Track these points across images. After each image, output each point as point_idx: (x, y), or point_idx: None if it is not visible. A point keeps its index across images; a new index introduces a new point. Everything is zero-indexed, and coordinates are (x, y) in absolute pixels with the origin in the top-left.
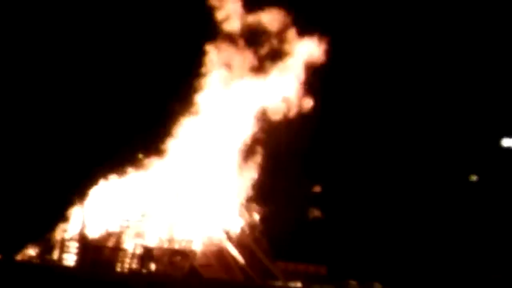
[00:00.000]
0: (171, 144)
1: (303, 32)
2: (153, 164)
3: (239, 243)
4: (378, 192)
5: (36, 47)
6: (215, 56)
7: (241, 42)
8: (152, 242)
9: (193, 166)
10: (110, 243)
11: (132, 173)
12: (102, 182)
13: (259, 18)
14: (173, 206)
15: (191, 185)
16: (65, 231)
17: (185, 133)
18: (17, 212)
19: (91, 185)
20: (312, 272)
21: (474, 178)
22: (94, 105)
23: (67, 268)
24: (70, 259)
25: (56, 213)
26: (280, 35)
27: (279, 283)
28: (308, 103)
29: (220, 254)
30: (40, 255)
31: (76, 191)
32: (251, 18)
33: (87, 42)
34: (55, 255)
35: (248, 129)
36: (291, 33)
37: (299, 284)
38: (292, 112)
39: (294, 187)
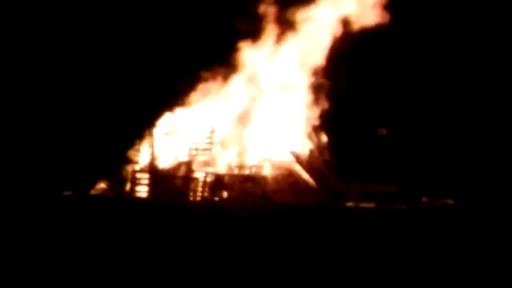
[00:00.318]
0: (238, 71)
1: None
2: (221, 91)
3: (309, 166)
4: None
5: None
6: None
7: None
8: (223, 169)
9: (262, 91)
10: (181, 172)
11: (199, 101)
12: (170, 112)
13: None
14: (243, 132)
15: (260, 110)
16: (136, 163)
17: (254, 59)
18: (88, 147)
19: (160, 115)
20: (382, 192)
21: None
22: (161, 38)
23: (140, 200)
24: (142, 190)
25: (126, 146)
26: None
27: (351, 204)
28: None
29: (291, 178)
30: (112, 188)
31: (145, 122)
32: None
33: None
34: (127, 187)
35: (320, 57)
36: None
37: (371, 205)
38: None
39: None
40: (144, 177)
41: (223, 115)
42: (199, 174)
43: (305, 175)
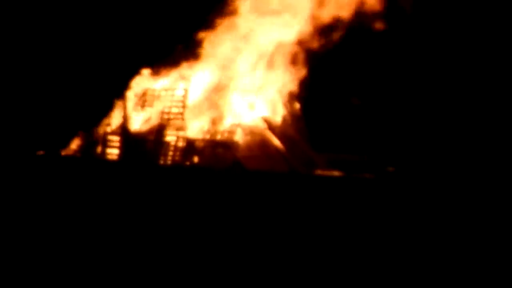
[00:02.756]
0: (215, 36)
1: None
2: (196, 55)
3: (282, 133)
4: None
5: None
6: None
7: None
8: (195, 134)
9: (238, 57)
10: (152, 136)
11: (174, 65)
12: (143, 75)
13: None
14: (216, 97)
15: (234, 76)
16: (107, 125)
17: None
18: (61, 108)
19: (133, 78)
20: (352, 161)
21: None
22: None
23: (111, 162)
24: (113, 153)
25: (98, 108)
26: None
27: (320, 172)
28: None
29: (263, 145)
30: (83, 149)
31: (118, 84)
32: None
33: None
34: (98, 149)
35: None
36: None
37: (340, 173)
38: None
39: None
40: (116, 140)
41: (197, 79)
42: (170, 138)
43: (277, 142)
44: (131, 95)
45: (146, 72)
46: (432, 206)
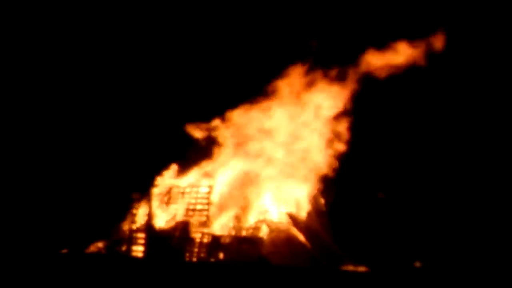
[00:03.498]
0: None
1: None
2: (220, 153)
3: (306, 229)
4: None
5: None
6: None
7: None
8: (220, 230)
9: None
10: (178, 233)
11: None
12: (168, 172)
13: None
14: (240, 193)
15: (259, 173)
16: (133, 222)
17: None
18: (86, 206)
19: (158, 175)
20: (377, 256)
21: None
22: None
23: (136, 259)
24: (138, 250)
25: (124, 206)
26: None
27: (346, 268)
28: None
29: (288, 240)
30: (108, 247)
31: (143, 182)
32: None
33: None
34: (124, 246)
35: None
36: None
37: (365, 268)
38: None
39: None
40: (141, 237)
41: (221, 176)
42: (195, 235)
43: (302, 238)
44: (156, 192)
45: (171, 169)
46: None
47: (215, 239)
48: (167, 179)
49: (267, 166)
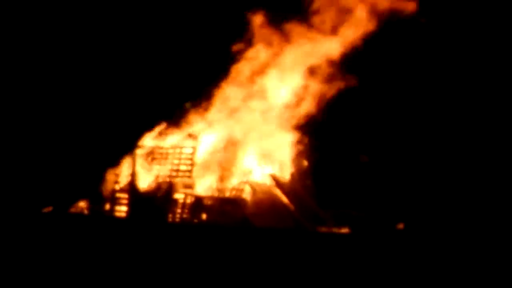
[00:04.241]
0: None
1: None
2: (204, 114)
3: (289, 191)
4: None
5: None
6: None
7: None
8: (203, 191)
9: (246, 117)
10: (161, 193)
11: (182, 123)
12: (151, 133)
13: None
14: (224, 154)
15: (242, 134)
16: (116, 183)
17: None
18: (69, 165)
19: (141, 136)
20: (359, 217)
21: None
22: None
23: (119, 219)
24: (121, 210)
25: (107, 166)
26: None
27: (329, 229)
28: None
29: (270, 202)
30: (91, 207)
31: (127, 143)
32: None
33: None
34: (107, 206)
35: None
36: None
37: (346, 230)
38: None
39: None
40: (124, 197)
41: (205, 137)
42: (179, 196)
43: (284, 199)
44: (139, 152)
45: (155, 130)
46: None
47: (198, 200)
48: (151, 139)
49: (250, 127)
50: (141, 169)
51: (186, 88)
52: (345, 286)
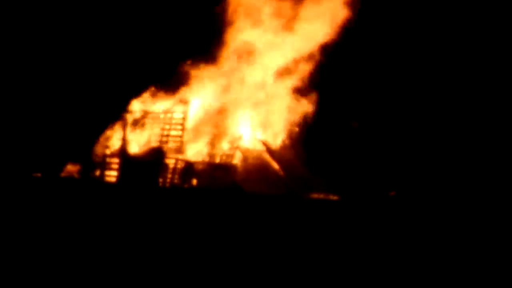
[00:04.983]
0: (214, 59)
1: None
2: (194, 78)
3: (280, 157)
4: None
5: None
6: None
7: None
8: (193, 156)
9: (237, 82)
10: (151, 158)
11: (172, 87)
12: (142, 97)
13: None
14: (215, 119)
15: (233, 99)
16: (106, 147)
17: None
18: (58, 129)
19: (132, 100)
20: (351, 185)
21: None
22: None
23: (109, 184)
24: (111, 175)
25: (97, 130)
26: None
27: (320, 196)
28: None
29: (261, 167)
30: (81, 172)
31: (117, 106)
32: None
33: None
34: (97, 171)
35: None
36: None
37: (335, 197)
38: None
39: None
40: (114, 162)
41: (196, 102)
42: (169, 161)
43: (275, 165)
44: (129, 117)
45: (145, 94)
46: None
47: (189, 165)
48: (141, 104)
49: (242, 93)
50: (132, 134)
51: (177, 51)
52: (335, 254)
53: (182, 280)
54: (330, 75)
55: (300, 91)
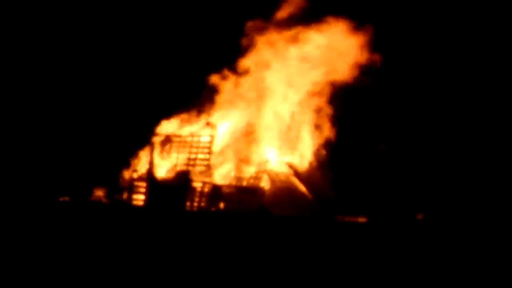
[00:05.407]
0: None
1: None
2: (222, 103)
3: (308, 179)
4: None
5: None
6: None
7: None
8: (221, 180)
9: (264, 106)
10: (179, 182)
11: (199, 112)
12: (169, 122)
13: None
14: (242, 143)
15: (260, 123)
16: (134, 171)
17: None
18: (87, 154)
19: (159, 124)
20: (378, 206)
21: None
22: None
23: (137, 208)
24: (139, 198)
25: (125, 154)
26: None
27: (346, 218)
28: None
29: (288, 191)
30: (109, 195)
31: (144, 131)
32: None
33: None
34: (125, 195)
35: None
36: None
37: (364, 219)
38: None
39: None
40: (142, 185)
41: (223, 126)
42: (196, 184)
43: (302, 188)
44: (157, 141)
45: (173, 118)
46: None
47: (216, 189)
48: (169, 128)
49: (269, 116)
50: (159, 157)
51: (204, 76)
52: (361, 275)
53: None
54: (357, 98)
55: (327, 114)
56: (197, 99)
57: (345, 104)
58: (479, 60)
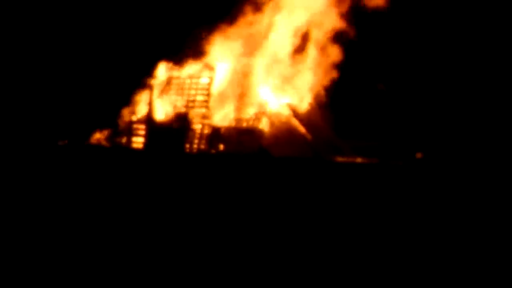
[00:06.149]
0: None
1: None
2: (221, 43)
3: (306, 120)
4: None
5: None
6: None
7: None
8: (220, 122)
9: (264, 47)
10: (178, 124)
11: (198, 53)
12: (168, 63)
13: None
14: (241, 84)
15: (259, 64)
16: (132, 114)
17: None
18: (85, 97)
19: (158, 66)
20: (377, 147)
21: None
22: None
23: (136, 150)
24: (138, 141)
25: (123, 97)
26: None
27: (347, 159)
28: None
29: (288, 132)
30: (108, 138)
31: (143, 73)
32: None
33: None
34: (124, 138)
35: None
36: None
37: (365, 160)
38: None
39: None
40: (141, 128)
41: (222, 67)
42: (196, 126)
43: (302, 129)
44: (155, 83)
45: (171, 60)
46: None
47: (215, 131)
48: (167, 70)
49: (268, 57)
50: (158, 100)
51: (202, 16)
52: (361, 216)
53: (209, 242)
54: (356, 37)
55: (326, 54)
56: (196, 39)
57: (347, 41)
58: None
